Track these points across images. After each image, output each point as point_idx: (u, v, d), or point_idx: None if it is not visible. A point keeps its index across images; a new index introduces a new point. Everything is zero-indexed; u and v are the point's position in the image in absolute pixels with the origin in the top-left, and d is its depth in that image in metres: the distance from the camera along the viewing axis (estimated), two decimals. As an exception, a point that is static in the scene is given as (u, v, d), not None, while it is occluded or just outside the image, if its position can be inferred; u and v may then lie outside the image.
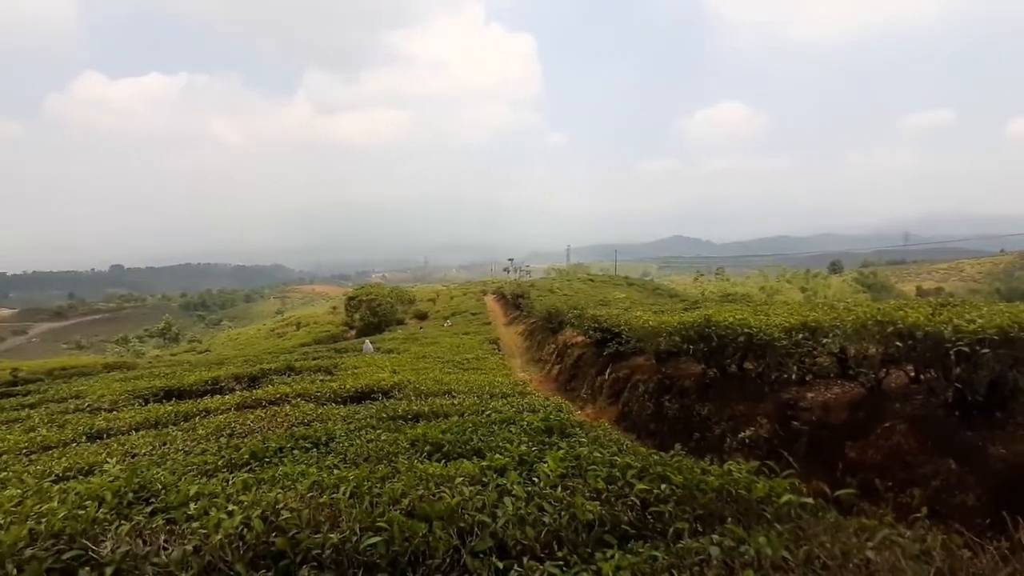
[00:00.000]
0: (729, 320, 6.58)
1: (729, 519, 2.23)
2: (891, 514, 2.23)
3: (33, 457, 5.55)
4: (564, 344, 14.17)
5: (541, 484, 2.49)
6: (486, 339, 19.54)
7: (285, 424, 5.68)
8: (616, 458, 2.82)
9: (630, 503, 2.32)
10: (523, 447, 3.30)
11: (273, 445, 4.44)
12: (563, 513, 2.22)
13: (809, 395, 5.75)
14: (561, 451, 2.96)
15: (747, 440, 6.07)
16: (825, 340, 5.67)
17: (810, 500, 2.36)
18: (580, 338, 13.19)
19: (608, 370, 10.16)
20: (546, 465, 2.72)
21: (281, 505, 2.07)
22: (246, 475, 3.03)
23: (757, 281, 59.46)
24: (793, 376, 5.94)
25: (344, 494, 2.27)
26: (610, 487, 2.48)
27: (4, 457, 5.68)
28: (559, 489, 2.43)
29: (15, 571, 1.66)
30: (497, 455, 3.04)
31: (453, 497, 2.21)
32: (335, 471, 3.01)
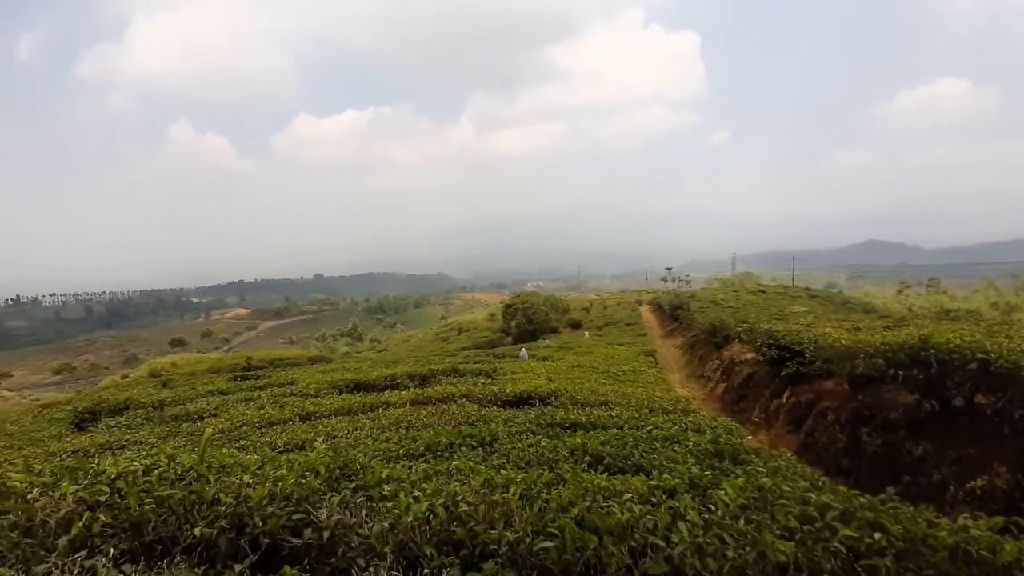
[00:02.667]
0: (955, 342, 5.37)
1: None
2: None
3: (263, 430, 6.82)
4: (731, 360, 13.01)
5: (719, 513, 2.27)
6: (642, 351, 18.87)
7: (452, 422, 6.13)
8: (810, 495, 2.45)
9: (833, 550, 1.99)
10: (694, 469, 3.06)
11: (444, 440, 4.81)
12: (748, 549, 1.99)
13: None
14: (740, 479, 2.68)
15: (978, 491, 4.89)
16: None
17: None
18: (750, 355, 11.99)
19: (786, 393, 9.03)
20: (723, 493, 2.47)
21: (460, 498, 2.20)
22: (425, 465, 3.31)
23: (987, 295, 47.78)
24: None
25: (514, 495, 2.33)
26: (805, 528, 2.16)
27: (244, 428, 7.07)
28: (741, 521, 2.19)
29: (260, 523, 2.02)
30: (665, 475, 2.86)
31: (623, 513, 2.13)
32: (502, 471, 3.13)
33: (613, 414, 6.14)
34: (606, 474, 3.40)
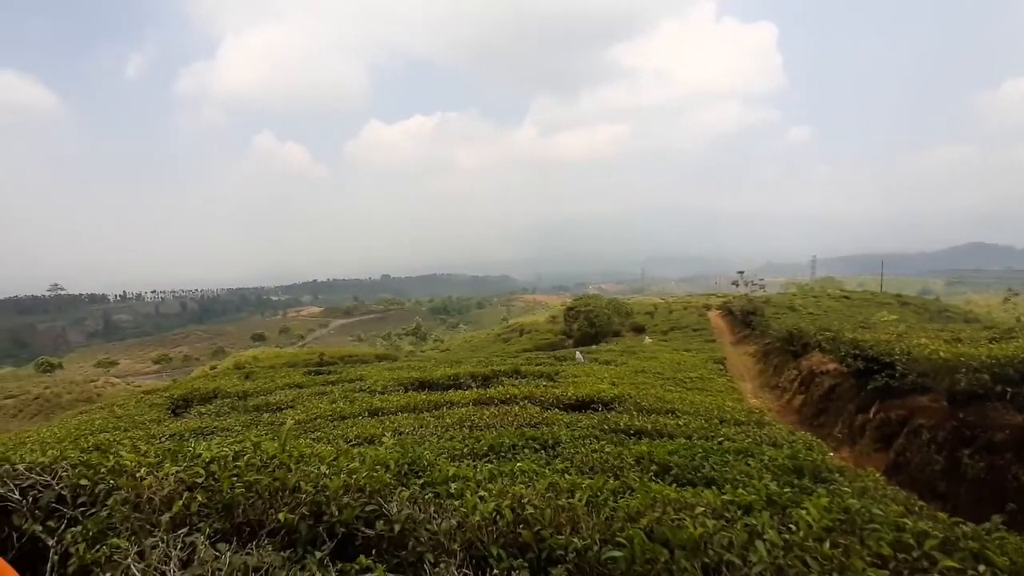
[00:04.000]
0: (1079, 358, 4.75)
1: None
2: None
3: (335, 423, 7.16)
4: (810, 371, 12.18)
5: (801, 533, 2.13)
6: (710, 357, 18.11)
7: (515, 423, 6.15)
8: (905, 520, 2.25)
9: (934, 583, 1.81)
10: (771, 486, 2.89)
11: (507, 441, 4.83)
12: (835, 575, 1.86)
13: None
14: (823, 499, 2.49)
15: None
16: None
17: None
18: (832, 365, 11.17)
19: (874, 408, 8.33)
20: (806, 512, 2.32)
21: (526, 500, 2.20)
22: (489, 466, 3.34)
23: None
24: None
25: (580, 500, 2.30)
26: (899, 556, 1.99)
27: (318, 421, 7.46)
28: (826, 544, 2.04)
29: (337, 512, 2.12)
30: (740, 490, 2.72)
31: (696, 527, 2.04)
32: (566, 476, 3.10)
33: (680, 423, 5.93)
34: (674, 485, 3.29)
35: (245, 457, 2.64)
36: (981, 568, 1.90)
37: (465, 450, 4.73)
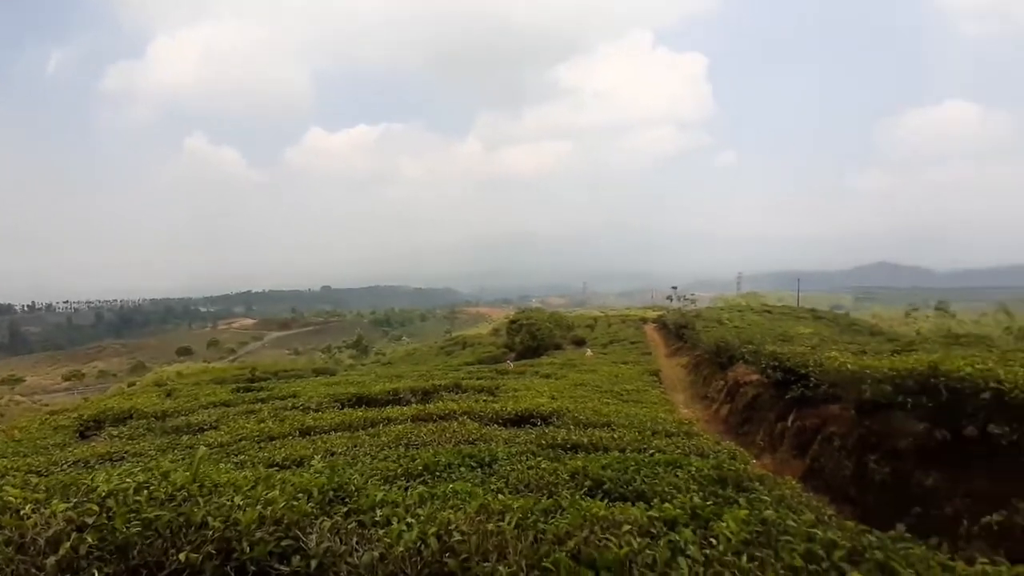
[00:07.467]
0: (966, 370, 5.26)
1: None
2: None
3: (262, 445, 6.76)
4: (735, 382, 12.85)
5: (721, 548, 2.19)
6: (646, 370, 18.70)
7: (453, 440, 6.04)
8: (816, 531, 2.37)
9: (840, 593, 1.91)
10: (696, 498, 2.98)
11: (443, 460, 4.73)
12: (751, 588, 1.93)
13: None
14: (744, 511, 2.60)
15: (995, 526, 4.74)
16: None
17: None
18: (755, 376, 11.83)
19: (791, 417, 8.88)
20: (725, 525, 2.40)
21: (453, 526, 2.15)
22: (421, 487, 3.24)
23: (998, 320, 47.08)
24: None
25: (510, 524, 2.26)
26: (810, 567, 2.09)
27: (243, 442, 7.02)
28: (743, 558, 2.11)
29: (248, 548, 1.97)
30: (666, 504, 2.78)
31: (621, 547, 2.06)
32: (500, 496, 3.06)
33: (615, 435, 6.03)
34: (606, 500, 3.32)
35: (149, 489, 2.42)
36: (886, 580, 2.00)
37: (399, 470, 4.58)
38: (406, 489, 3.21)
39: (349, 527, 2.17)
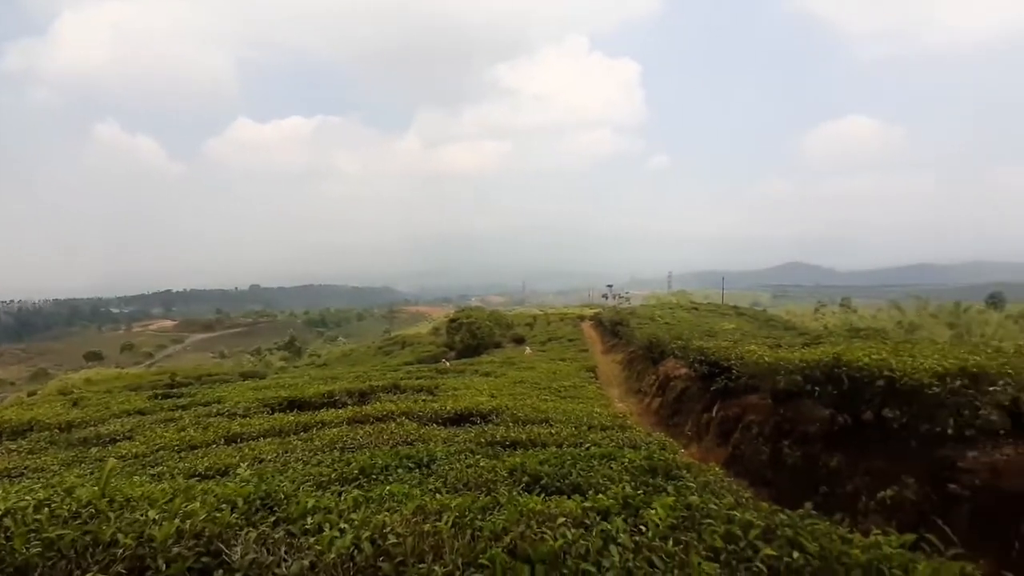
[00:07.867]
0: (864, 360, 5.81)
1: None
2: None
3: (182, 455, 6.33)
4: (666, 376, 13.47)
5: (649, 534, 2.31)
6: (583, 366, 19.18)
7: (390, 442, 5.93)
8: (734, 513, 2.54)
9: (755, 570, 2.06)
10: (627, 488, 3.10)
11: (380, 462, 4.63)
12: (676, 572, 2.04)
13: (971, 454, 4.87)
14: (671, 498, 2.74)
15: (888, 501, 5.27)
16: (993, 389, 4.80)
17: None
18: (684, 370, 12.47)
19: (716, 407, 9.44)
20: (654, 512, 2.52)
21: (388, 529, 2.12)
22: (356, 491, 3.16)
23: (892, 315, 52.33)
24: (950, 431, 5.07)
25: (447, 523, 2.26)
26: (729, 547, 2.24)
27: (161, 453, 6.54)
28: (670, 542, 2.23)
29: (164, 566, 1.85)
30: (600, 495, 2.88)
31: (556, 539, 2.12)
32: (437, 496, 3.04)
33: (553, 431, 6.15)
34: (543, 495, 3.39)
35: (51, 507, 2.21)
36: (795, 554, 2.17)
37: (333, 475, 4.44)
38: (340, 494, 3.13)
39: (277, 536, 2.09)
